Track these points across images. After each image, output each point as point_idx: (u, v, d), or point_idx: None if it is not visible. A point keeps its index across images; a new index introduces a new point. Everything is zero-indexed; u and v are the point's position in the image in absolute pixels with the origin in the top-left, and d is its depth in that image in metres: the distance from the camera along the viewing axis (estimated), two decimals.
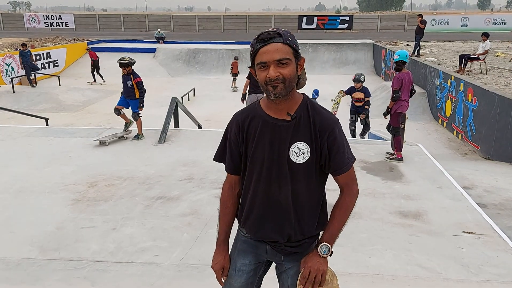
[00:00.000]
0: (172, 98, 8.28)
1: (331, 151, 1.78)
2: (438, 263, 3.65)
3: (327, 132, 1.76)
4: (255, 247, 1.95)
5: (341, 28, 40.23)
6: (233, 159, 1.91)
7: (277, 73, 1.66)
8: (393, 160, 6.59)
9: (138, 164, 6.19)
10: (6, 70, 18.85)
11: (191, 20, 43.82)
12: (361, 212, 4.65)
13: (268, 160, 1.80)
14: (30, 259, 3.69)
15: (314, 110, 1.79)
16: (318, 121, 1.77)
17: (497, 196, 5.71)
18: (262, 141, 1.80)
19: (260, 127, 1.80)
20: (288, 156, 1.77)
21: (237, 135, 1.86)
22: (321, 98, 16.17)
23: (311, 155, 1.77)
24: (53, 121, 11.16)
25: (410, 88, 6.70)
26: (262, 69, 1.68)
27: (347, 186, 1.86)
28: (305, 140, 1.76)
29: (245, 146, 1.85)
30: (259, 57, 1.68)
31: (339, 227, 1.85)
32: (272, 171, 1.80)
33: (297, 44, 1.73)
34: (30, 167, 6.07)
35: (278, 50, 1.66)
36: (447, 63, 15.83)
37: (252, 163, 1.84)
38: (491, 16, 41.21)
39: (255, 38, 1.71)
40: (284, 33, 1.69)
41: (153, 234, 4.13)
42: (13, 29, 42.69)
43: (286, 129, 1.77)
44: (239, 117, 1.87)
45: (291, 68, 1.69)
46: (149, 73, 22.71)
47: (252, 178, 1.85)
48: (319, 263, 1.80)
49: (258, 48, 1.67)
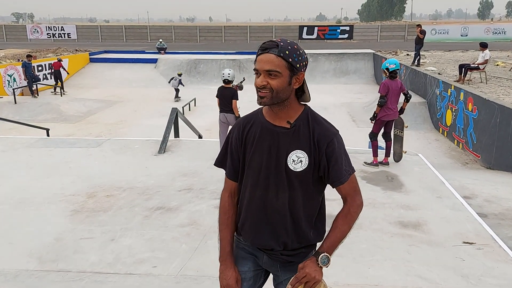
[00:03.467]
0: (172, 109, 8.30)
1: (330, 162, 1.78)
2: (438, 273, 3.63)
3: (326, 142, 1.77)
4: (253, 255, 1.95)
5: (341, 38, 40.46)
6: (233, 164, 1.91)
7: (264, 82, 1.70)
8: (369, 165, 6.67)
9: (138, 174, 6.19)
10: (8, 81, 18.96)
11: (193, 31, 44.14)
12: (361, 223, 4.63)
13: (266, 166, 1.80)
14: (28, 270, 3.67)
15: (314, 120, 1.81)
16: (317, 131, 1.78)
17: (497, 206, 5.68)
18: (260, 147, 1.81)
19: (259, 132, 1.82)
20: (286, 163, 1.78)
21: (237, 139, 1.87)
22: (321, 108, 16.26)
23: (309, 164, 1.77)
24: (54, 132, 11.20)
25: (398, 96, 6.79)
26: (256, 75, 1.74)
27: (349, 196, 1.86)
28: (303, 148, 1.77)
29: (243, 151, 1.86)
30: (256, 64, 1.73)
31: (340, 237, 1.83)
32: (270, 178, 1.80)
33: (297, 57, 1.71)
34: (31, 178, 6.08)
35: (269, 61, 1.68)
36: (447, 73, 15.87)
37: (250, 168, 1.84)
38: (491, 26, 41.42)
39: (260, 46, 1.77)
40: (283, 45, 1.68)
41: (151, 245, 4.11)
42: (16, 40, 43.05)
43: (285, 137, 1.78)
44: (241, 122, 1.89)
45: (280, 80, 1.70)
46: (150, 84, 22.86)
47: (249, 183, 1.85)
48: (316, 272, 1.78)
49: (257, 55, 1.73)
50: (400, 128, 7.11)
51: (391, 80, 6.74)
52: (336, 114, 15.51)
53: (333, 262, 4.06)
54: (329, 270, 3.76)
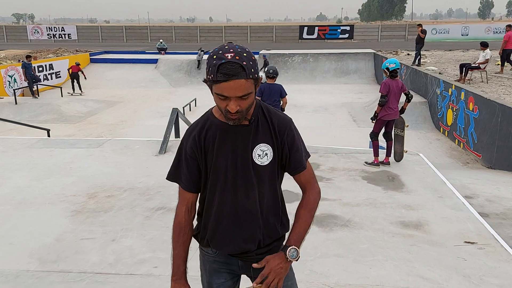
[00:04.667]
0: (173, 109, 8.30)
1: (291, 149, 1.79)
2: (439, 273, 3.62)
3: (285, 131, 1.78)
4: (227, 264, 1.89)
5: (342, 38, 40.46)
6: (191, 175, 1.82)
7: (237, 107, 1.63)
8: (370, 165, 6.65)
9: (138, 174, 6.19)
10: (9, 82, 18.98)
11: (193, 31, 44.16)
12: (362, 223, 4.62)
13: (232, 167, 1.76)
14: (29, 271, 3.67)
15: (269, 112, 1.81)
16: (275, 121, 1.79)
17: (499, 206, 5.67)
18: (223, 149, 1.76)
19: (218, 135, 1.77)
20: (252, 159, 1.76)
21: (194, 149, 1.79)
22: (322, 108, 16.27)
23: (273, 156, 1.78)
24: (55, 132, 11.20)
25: (398, 96, 6.78)
26: (221, 98, 1.63)
27: (309, 184, 1.85)
28: (266, 141, 1.77)
29: (204, 158, 1.80)
30: (219, 89, 1.60)
31: (305, 227, 1.80)
32: (237, 178, 1.77)
33: (256, 66, 1.64)
34: (31, 179, 6.07)
35: (240, 88, 1.59)
36: (447, 72, 15.86)
37: (214, 173, 1.78)
38: (492, 25, 41.36)
39: (216, 65, 1.57)
40: (246, 64, 1.58)
41: (152, 245, 4.11)
42: (17, 41, 43.08)
43: (246, 133, 1.76)
44: (194, 131, 1.81)
45: (251, 98, 1.66)
46: (150, 84, 22.87)
47: (215, 189, 1.80)
48: (281, 268, 1.72)
49: (219, 80, 1.58)
50: (401, 128, 7.10)
51: (391, 79, 6.74)
52: (336, 114, 15.52)
53: (333, 263, 4.05)
54: (330, 270, 3.77)
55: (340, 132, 12.64)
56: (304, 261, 3.76)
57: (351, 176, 6.19)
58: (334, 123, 14.33)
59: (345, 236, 4.32)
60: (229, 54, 1.57)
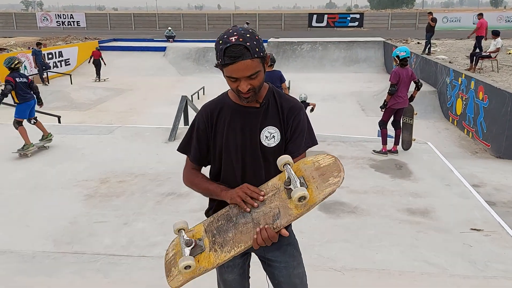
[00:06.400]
0: (182, 96, 8.37)
1: (293, 134, 1.85)
2: (445, 259, 3.68)
3: (293, 116, 1.85)
4: None
5: (351, 26, 40.02)
6: (200, 150, 1.92)
7: (248, 86, 1.71)
8: (377, 153, 6.68)
9: (149, 161, 6.29)
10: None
11: (201, 19, 43.96)
12: (369, 210, 4.69)
13: (241, 147, 1.84)
14: (44, 252, 3.79)
15: (280, 97, 1.88)
16: (285, 106, 1.86)
17: (506, 194, 5.70)
18: (233, 129, 1.84)
19: (230, 116, 1.85)
20: (259, 141, 1.83)
21: (206, 125, 1.89)
22: (331, 97, 16.23)
23: (281, 139, 1.84)
24: (65, 119, 11.34)
25: (408, 84, 6.77)
26: (232, 80, 1.71)
27: None
28: (274, 124, 1.84)
29: (214, 136, 1.88)
30: (229, 72, 1.68)
31: None
32: (246, 158, 1.85)
33: (261, 44, 1.70)
34: (44, 164, 6.20)
35: (247, 68, 1.66)
36: (458, 61, 15.71)
37: (225, 152, 1.86)
38: (504, 14, 40.66)
39: (222, 50, 1.65)
40: (249, 44, 1.65)
41: (163, 229, 4.21)
42: (26, 28, 43.20)
43: (256, 115, 1.83)
44: (208, 108, 1.91)
45: (260, 76, 1.73)
46: (159, 72, 22.91)
47: (226, 167, 1.88)
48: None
49: (226, 63, 1.66)
50: (409, 116, 7.11)
51: (401, 68, 6.72)
52: (345, 103, 15.48)
53: (340, 247, 4.12)
54: (337, 255, 3.84)
55: (349, 121, 12.63)
56: (312, 245, 3.85)
57: (359, 164, 6.24)
58: (342, 112, 14.30)
59: (352, 222, 4.39)
60: (233, 37, 1.65)
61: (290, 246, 1.98)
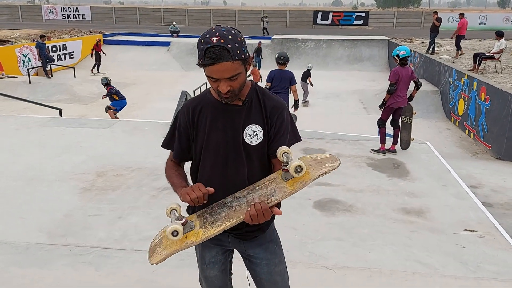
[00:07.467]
0: (182, 91, 8.38)
1: (277, 133, 1.83)
2: (437, 259, 3.67)
3: (276, 114, 1.83)
4: (218, 239, 1.92)
5: (356, 24, 39.91)
6: (181, 146, 1.94)
7: (228, 87, 1.70)
8: (376, 152, 6.67)
9: (147, 155, 6.30)
10: (23, 61, 19.19)
11: (206, 14, 43.93)
12: (364, 208, 4.68)
13: (224, 145, 1.83)
14: (38, 244, 3.81)
15: (263, 94, 1.87)
16: (268, 104, 1.84)
17: (504, 196, 5.68)
18: (215, 127, 1.84)
19: (211, 113, 1.85)
20: (242, 138, 1.82)
21: (187, 122, 1.89)
22: (333, 95, 16.19)
23: (264, 137, 1.83)
24: (67, 112, 11.36)
25: (407, 84, 6.75)
26: (212, 80, 1.71)
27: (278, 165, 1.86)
28: (257, 122, 1.82)
29: (195, 133, 1.88)
30: (209, 72, 1.68)
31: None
32: (228, 155, 1.84)
33: (243, 47, 1.69)
34: (43, 156, 6.22)
35: (227, 70, 1.66)
36: (461, 62, 15.63)
37: (206, 149, 1.87)
38: (510, 15, 40.41)
39: (203, 50, 1.64)
40: (231, 46, 1.63)
41: (157, 223, 4.21)
42: (31, 20, 43.33)
43: (239, 113, 1.82)
44: (190, 105, 1.91)
45: (241, 78, 1.72)
46: (163, 67, 22.93)
47: (207, 164, 1.88)
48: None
49: (207, 64, 1.65)
50: (408, 115, 7.08)
51: (401, 67, 6.70)
52: (347, 101, 15.44)
53: (332, 246, 4.13)
54: (329, 253, 3.84)
55: (350, 119, 12.61)
56: (305, 243, 3.85)
57: (357, 163, 6.23)
58: (344, 110, 14.27)
59: (346, 221, 4.39)
60: (214, 38, 1.64)
61: (272, 243, 1.98)
